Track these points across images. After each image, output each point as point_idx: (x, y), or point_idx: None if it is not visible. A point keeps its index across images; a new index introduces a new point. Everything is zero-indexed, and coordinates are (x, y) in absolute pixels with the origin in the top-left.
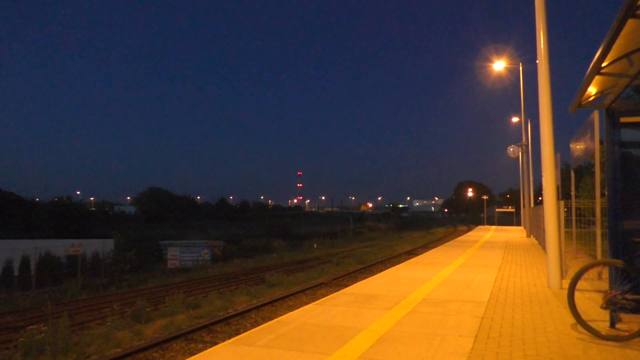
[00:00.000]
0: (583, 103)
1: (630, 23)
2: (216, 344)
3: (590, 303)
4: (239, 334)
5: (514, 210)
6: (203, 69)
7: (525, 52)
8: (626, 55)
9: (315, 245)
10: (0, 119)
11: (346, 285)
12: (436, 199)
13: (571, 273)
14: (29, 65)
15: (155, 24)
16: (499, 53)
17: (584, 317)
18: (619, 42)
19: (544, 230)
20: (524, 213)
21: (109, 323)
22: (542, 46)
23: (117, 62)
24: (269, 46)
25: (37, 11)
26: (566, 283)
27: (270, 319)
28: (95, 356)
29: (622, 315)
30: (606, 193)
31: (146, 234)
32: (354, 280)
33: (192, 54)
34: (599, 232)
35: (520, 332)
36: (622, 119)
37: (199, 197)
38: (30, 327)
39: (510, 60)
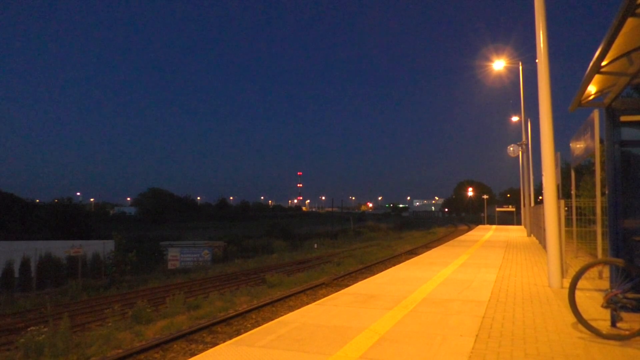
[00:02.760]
0: (583, 102)
1: (630, 22)
2: (217, 344)
3: (591, 302)
4: (240, 334)
5: (514, 209)
6: (203, 69)
7: (525, 52)
8: (626, 54)
9: (315, 246)
10: (0, 120)
11: (347, 285)
12: (436, 198)
13: (572, 272)
14: (29, 66)
15: (154, 25)
16: (498, 52)
17: (584, 316)
18: (618, 40)
19: (544, 229)
20: (524, 212)
21: (109, 324)
22: (541, 45)
23: (118, 62)
24: (269, 46)
25: (38, 11)
26: (567, 282)
27: (271, 319)
28: (95, 357)
29: (623, 314)
30: (606, 192)
31: (146, 234)
32: (355, 280)
33: (193, 54)
34: (599, 231)
35: (521, 331)
36: (622, 118)
37: (199, 198)
38: (31, 328)
39: (510, 60)
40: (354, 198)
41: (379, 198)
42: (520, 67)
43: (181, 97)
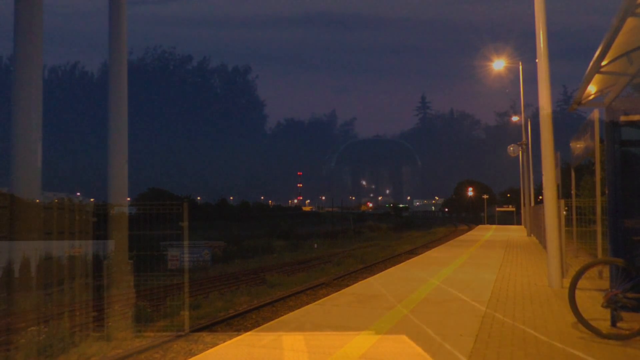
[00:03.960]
0: (583, 102)
1: (630, 21)
2: (217, 344)
3: (591, 302)
4: (240, 334)
5: (514, 209)
6: (203, 69)
7: (525, 51)
8: (626, 54)
9: (315, 246)
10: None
11: (347, 285)
12: (436, 198)
13: (572, 272)
14: (28, 65)
15: (152, 22)
16: (498, 52)
17: (585, 315)
18: (618, 40)
19: (544, 229)
20: (524, 212)
21: (110, 324)
22: (541, 45)
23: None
24: (269, 44)
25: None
26: (567, 282)
27: (271, 319)
28: (96, 357)
29: (623, 314)
30: (606, 192)
31: (146, 234)
32: (355, 280)
33: (191, 53)
34: (599, 230)
35: (522, 331)
36: (622, 118)
37: (199, 198)
38: (31, 328)
39: (510, 59)
40: (354, 198)
41: (379, 198)
42: (520, 67)
43: (180, 97)
